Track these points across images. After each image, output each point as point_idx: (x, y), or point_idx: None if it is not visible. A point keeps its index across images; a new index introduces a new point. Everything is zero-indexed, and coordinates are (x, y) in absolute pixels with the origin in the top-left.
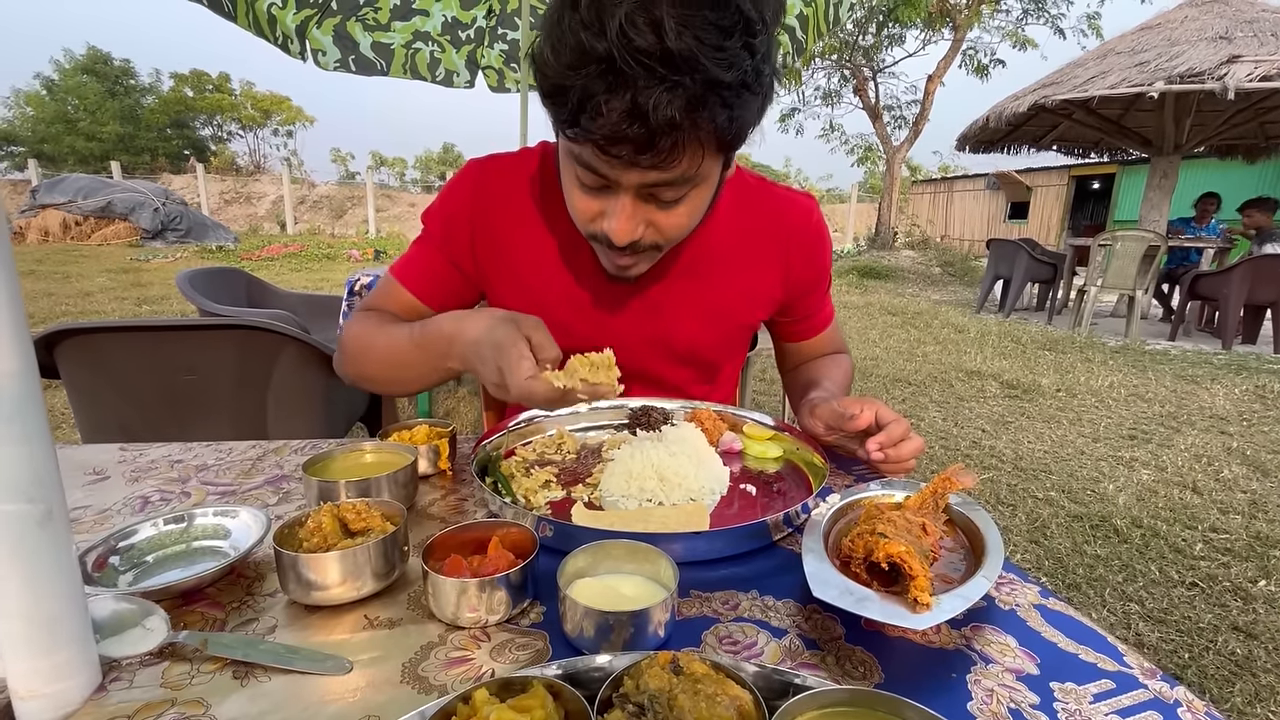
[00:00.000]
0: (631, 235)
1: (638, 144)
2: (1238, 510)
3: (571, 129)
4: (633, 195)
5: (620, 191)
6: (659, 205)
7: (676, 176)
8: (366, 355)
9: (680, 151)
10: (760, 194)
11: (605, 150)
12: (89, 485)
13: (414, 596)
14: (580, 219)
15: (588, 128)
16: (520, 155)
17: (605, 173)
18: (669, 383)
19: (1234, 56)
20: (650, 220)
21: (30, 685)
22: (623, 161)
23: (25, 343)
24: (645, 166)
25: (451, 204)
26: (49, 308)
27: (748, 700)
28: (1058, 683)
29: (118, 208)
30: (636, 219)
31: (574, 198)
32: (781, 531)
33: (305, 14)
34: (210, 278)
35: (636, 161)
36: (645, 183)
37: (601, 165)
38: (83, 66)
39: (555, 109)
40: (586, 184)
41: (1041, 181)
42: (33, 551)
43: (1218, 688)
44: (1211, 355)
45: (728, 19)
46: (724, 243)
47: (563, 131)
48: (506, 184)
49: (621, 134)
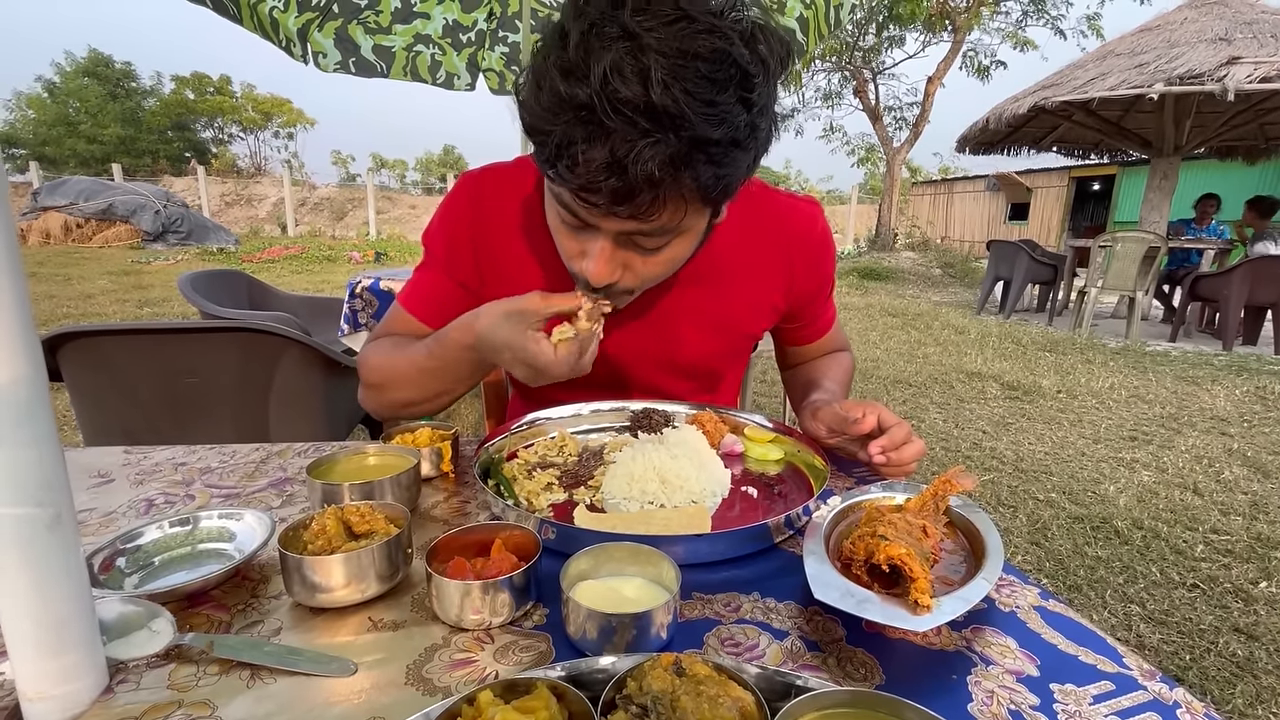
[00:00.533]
0: (609, 278)
1: (614, 196)
2: (1239, 512)
3: (551, 170)
4: (612, 240)
5: (599, 235)
6: (639, 251)
7: (656, 228)
8: (392, 380)
9: (660, 205)
10: (763, 202)
11: (582, 198)
12: (94, 488)
13: (418, 599)
14: (563, 255)
15: (564, 174)
16: (516, 165)
17: (584, 217)
18: (672, 394)
19: (1234, 58)
20: (628, 264)
21: (38, 687)
22: (600, 210)
23: (34, 347)
24: (623, 217)
25: (450, 222)
26: (51, 310)
27: (750, 701)
28: (1058, 684)
29: (119, 210)
30: (614, 263)
31: (558, 234)
32: (783, 534)
33: (307, 17)
34: (211, 280)
35: (614, 211)
36: (624, 230)
37: (579, 209)
38: (84, 69)
39: (536, 148)
40: (567, 223)
41: (1042, 183)
42: (41, 555)
43: (1219, 689)
44: (1212, 356)
45: (722, 72)
46: (727, 253)
47: (543, 170)
48: (503, 195)
49: (597, 185)
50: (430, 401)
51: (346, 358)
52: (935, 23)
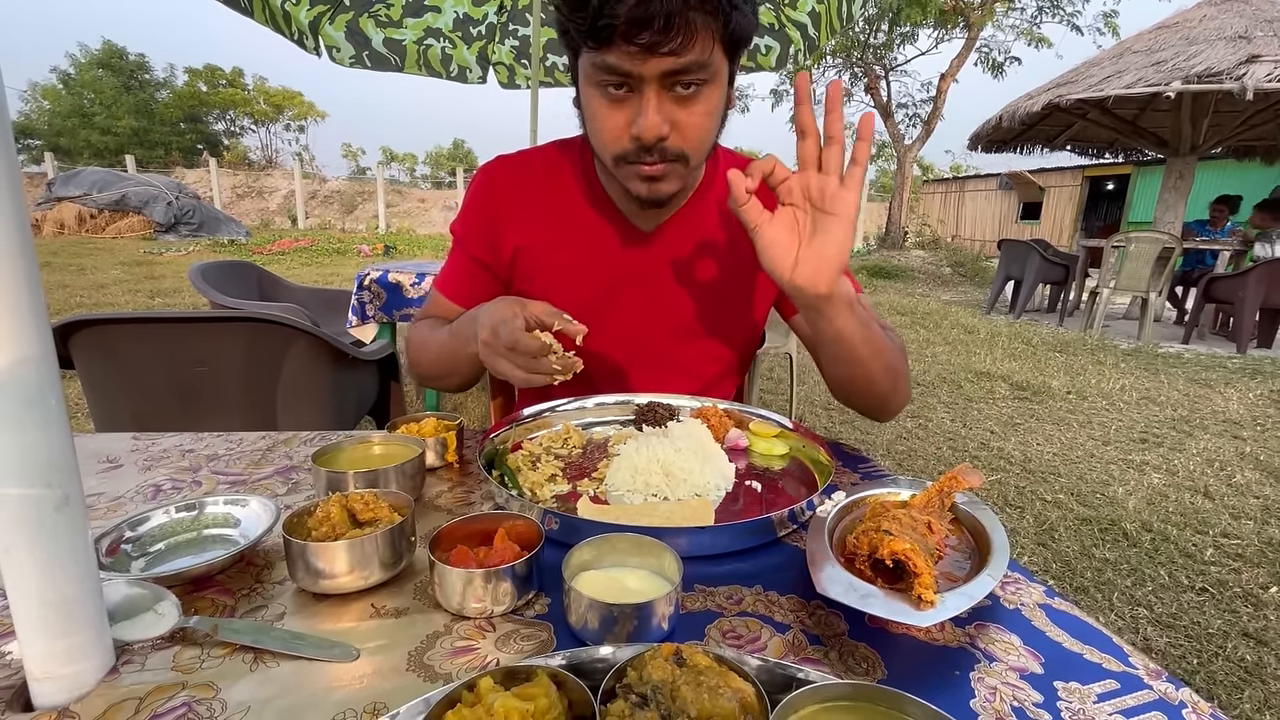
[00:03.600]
0: (659, 129)
1: (655, 24)
2: (1250, 516)
3: (594, 30)
4: (656, 89)
5: (644, 87)
6: (679, 102)
7: (692, 62)
8: (422, 357)
9: (693, 34)
10: None
11: (628, 38)
12: (102, 473)
13: (420, 586)
14: (608, 139)
15: (611, 18)
16: (528, 152)
17: (628, 68)
18: (679, 362)
19: (1253, 56)
20: (673, 119)
21: (45, 667)
22: (642, 49)
23: (45, 330)
24: (663, 52)
25: (468, 207)
26: (64, 299)
27: (750, 693)
28: (1062, 682)
29: (132, 201)
30: (662, 114)
31: (600, 119)
32: (786, 528)
33: (318, 10)
34: (222, 271)
35: (654, 45)
36: (665, 70)
37: (624, 61)
38: (98, 61)
39: (579, 20)
40: (612, 92)
41: (1055, 182)
42: (50, 536)
43: (1226, 694)
44: (1225, 359)
45: None
46: (728, 214)
47: (586, 45)
48: (515, 178)
49: (640, 16)
50: (443, 380)
51: (354, 349)
52: (949, 19)
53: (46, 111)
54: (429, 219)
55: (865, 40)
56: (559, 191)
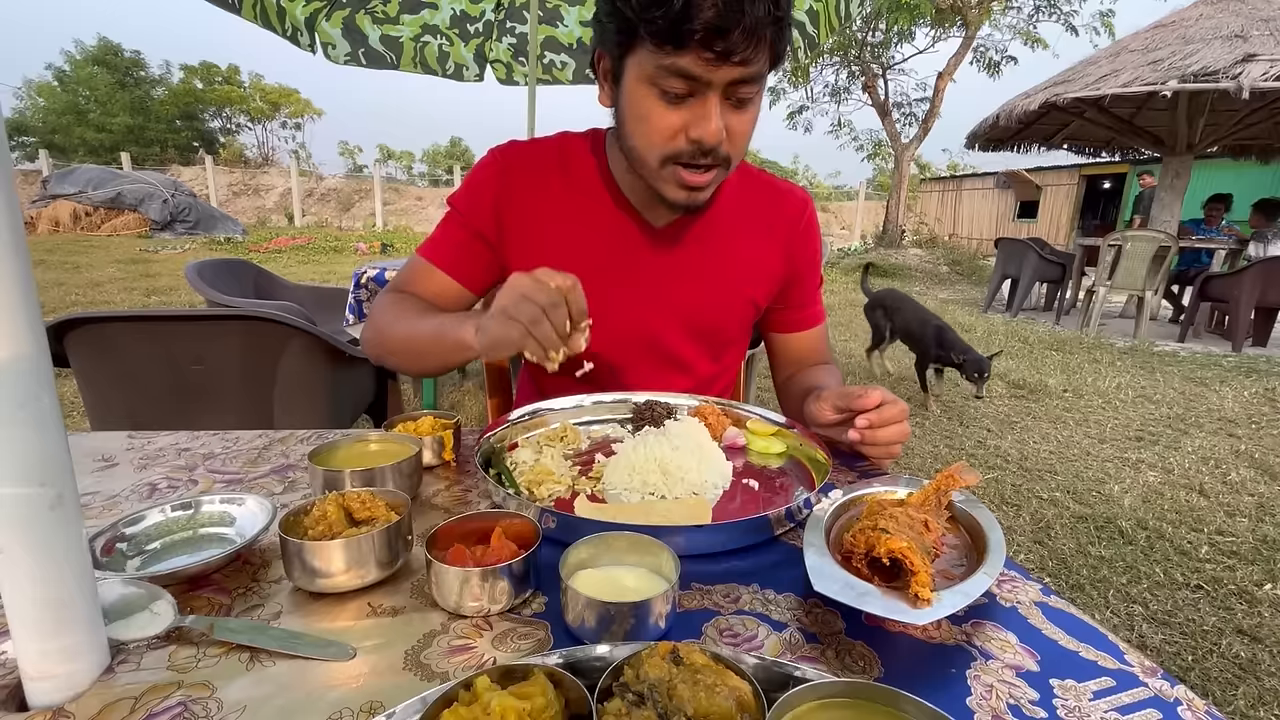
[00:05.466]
0: (721, 135)
1: (734, 35)
2: (1245, 513)
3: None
4: (719, 96)
5: (708, 94)
6: (733, 109)
7: (756, 73)
8: (392, 331)
9: (764, 47)
10: (762, 180)
11: (707, 44)
12: (98, 472)
13: (417, 585)
14: (660, 138)
15: (692, 22)
16: (541, 140)
17: (699, 73)
18: (680, 358)
19: (1249, 55)
20: (728, 125)
21: (40, 666)
22: (716, 58)
23: (38, 328)
24: (736, 61)
25: (475, 181)
26: (59, 297)
27: (747, 691)
28: (1057, 679)
29: (127, 199)
30: (721, 120)
31: (654, 119)
32: (783, 526)
33: (314, 6)
34: (218, 269)
35: (730, 53)
36: (732, 79)
37: (695, 66)
38: (94, 58)
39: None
40: (675, 95)
41: (1051, 180)
42: (43, 535)
43: (1220, 690)
44: (1221, 357)
45: None
46: (732, 216)
47: (659, 42)
48: (529, 164)
49: (723, 23)
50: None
51: (351, 347)
52: (946, 18)
53: (41, 109)
54: (426, 217)
55: (863, 39)
56: (572, 182)
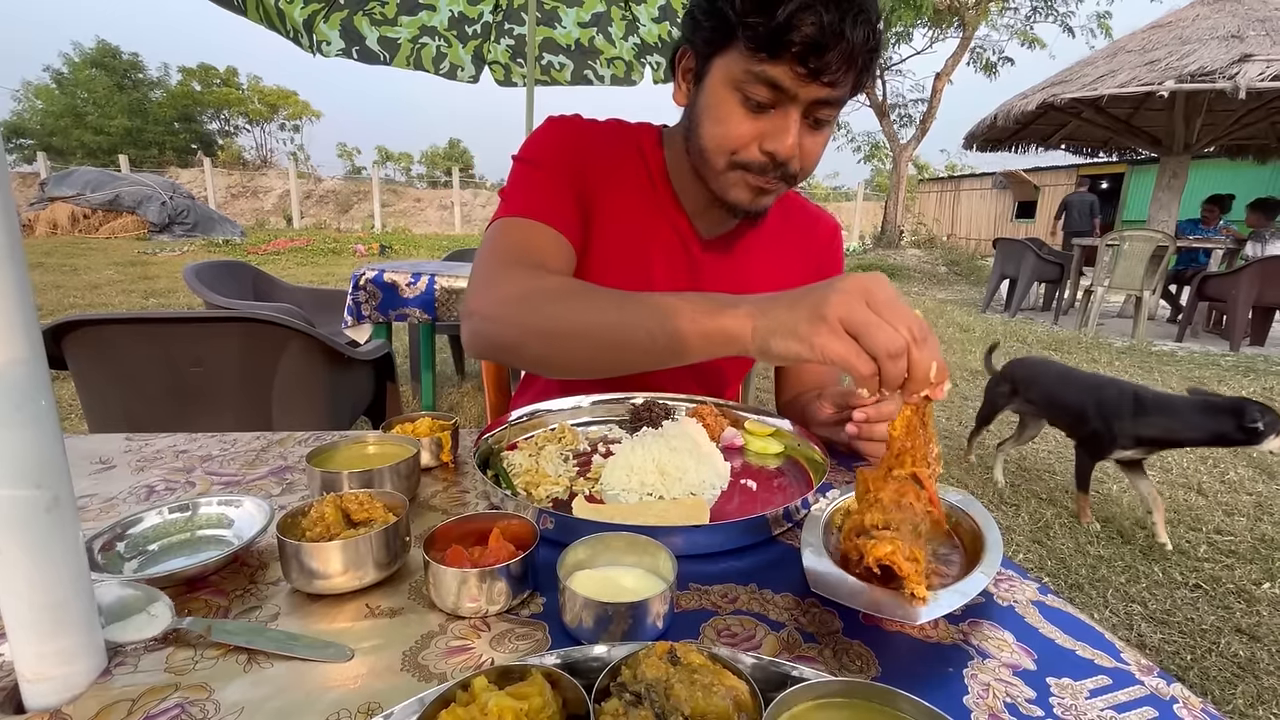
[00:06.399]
0: (795, 150)
1: (830, 55)
2: (1243, 513)
3: (771, 40)
4: (800, 111)
5: (791, 108)
6: (809, 129)
7: (840, 97)
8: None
9: (853, 71)
10: (797, 203)
11: (803, 59)
12: (95, 474)
13: (415, 586)
14: (734, 143)
15: (793, 33)
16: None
17: (788, 86)
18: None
19: (1246, 55)
20: (801, 144)
21: (37, 668)
22: (808, 74)
23: (33, 330)
24: (825, 81)
25: (551, 139)
26: (57, 300)
27: (744, 691)
28: (1054, 678)
29: (125, 201)
30: (798, 137)
31: (732, 122)
32: (781, 526)
33: (313, 8)
34: (217, 271)
35: (822, 72)
36: (817, 99)
37: (785, 78)
38: (92, 60)
39: (755, 25)
40: (759, 104)
41: (1049, 181)
42: (39, 537)
43: (1219, 689)
44: (1219, 357)
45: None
46: (771, 236)
47: (755, 49)
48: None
49: (824, 43)
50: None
51: (350, 349)
52: (944, 19)
53: (39, 111)
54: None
55: None
56: (626, 172)
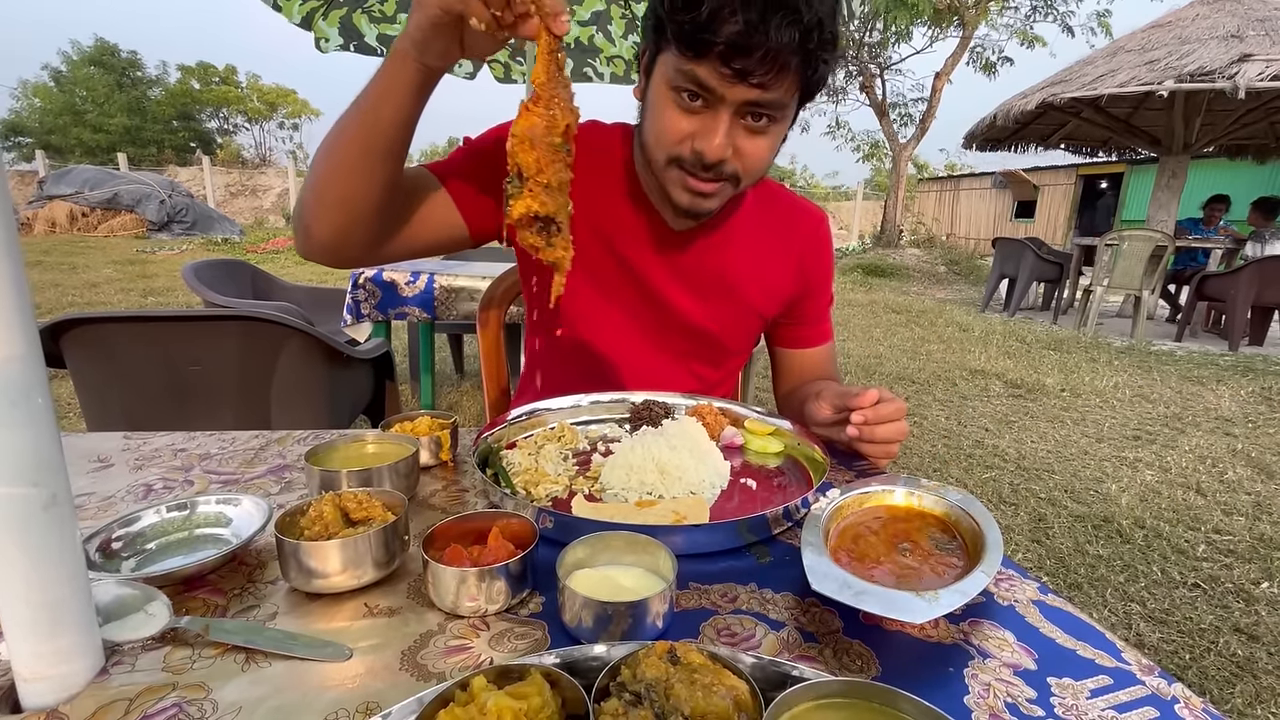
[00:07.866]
0: (723, 152)
1: (755, 56)
2: (1241, 512)
3: (699, 38)
4: (730, 114)
5: (720, 109)
6: (747, 131)
7: (774, 100)
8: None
9: (785, 75)
10: (779, 195)
11: (725, 60)
12: (93, 472)
13: (414, 585)
14: (669, 140)
15: (714, 38)
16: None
17: (714, 86)
18: (682, 360)
19: (1245, 55)
20: (737, 146)
21: (34, 668)
22: (733, 75)
23: (30, 328)
24: (753, 83)
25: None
26: (56, 298)
27: (744, 690)
28: (1055, 678)
29: (124, 200)
30: (729, 138)
31: (666, 120)
32: (781, 525)
33: (311, 6)
34: (216, 270)
35: (747, 74)
36: (747, 100)
37: (711, 79)
38: (90, 58)
39: (680, 23)
40: (688, 101)
41: (1049, 180)
42: (37, 535)
43: (1218, 689)
44: (1218, 356)
45: None
46: (749, 229)
47: (681, 47)
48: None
49: (745, 44)
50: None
51: (349, 347)
52: (943, 18)
53: (38, 109)
54: None
55: (861, 39)
56: (597, 170)
